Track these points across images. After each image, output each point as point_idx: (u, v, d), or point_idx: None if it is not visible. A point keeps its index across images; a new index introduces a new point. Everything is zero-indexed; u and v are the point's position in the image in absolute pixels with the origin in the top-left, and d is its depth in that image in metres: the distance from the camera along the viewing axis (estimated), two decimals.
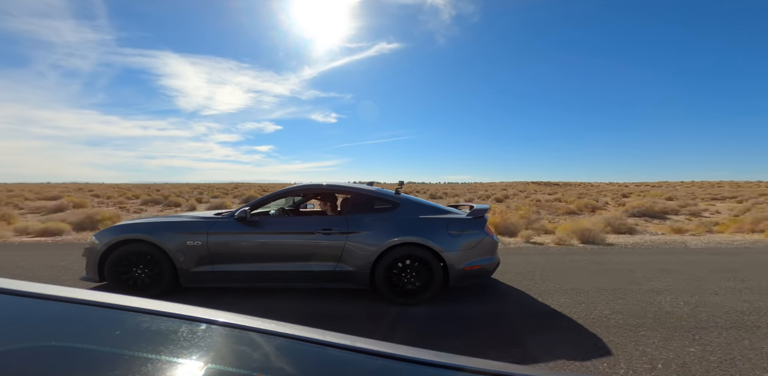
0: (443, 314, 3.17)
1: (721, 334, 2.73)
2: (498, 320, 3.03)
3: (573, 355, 2.40)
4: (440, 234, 3.46)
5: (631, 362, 2.30)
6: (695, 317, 3.07)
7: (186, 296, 3.57)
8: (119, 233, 3.56)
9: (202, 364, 0.53)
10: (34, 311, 0.68)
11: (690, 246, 6.73)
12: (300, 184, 4.19)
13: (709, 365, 2.27)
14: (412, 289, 3.43)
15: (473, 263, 3.47)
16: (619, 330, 2.79)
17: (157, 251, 3.49)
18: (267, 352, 0.58)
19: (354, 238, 3.47)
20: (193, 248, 3.49)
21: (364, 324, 2.98)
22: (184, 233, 3.53)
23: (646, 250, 6.30)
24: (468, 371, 0.56)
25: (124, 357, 0.54)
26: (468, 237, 3.51)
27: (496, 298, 3.62)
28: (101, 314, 0.67)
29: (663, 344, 2.55)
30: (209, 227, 3.55)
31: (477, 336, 2.71)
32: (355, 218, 3.59)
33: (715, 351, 2.45)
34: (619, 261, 5.29)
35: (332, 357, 0.58)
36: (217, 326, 0.64)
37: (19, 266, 4.77)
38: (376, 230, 3.50)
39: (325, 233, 3.49)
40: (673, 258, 5.52)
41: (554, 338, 2.66)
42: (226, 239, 3.54)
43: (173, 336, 0.60)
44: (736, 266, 4.91)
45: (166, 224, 3.61)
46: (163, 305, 0.69)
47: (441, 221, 3.57)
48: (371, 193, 3.85)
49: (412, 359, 0.57)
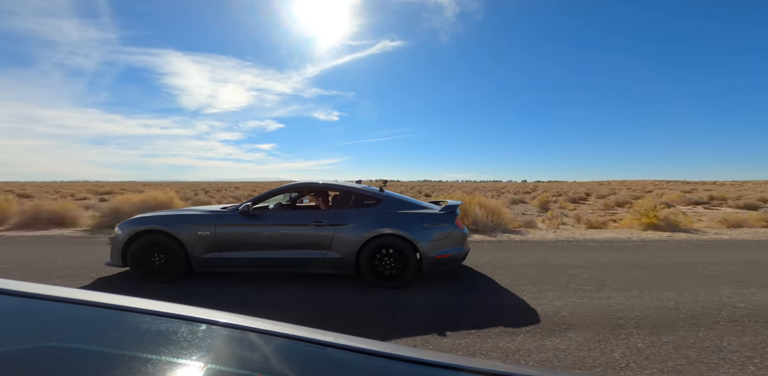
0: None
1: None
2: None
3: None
4: (415, 227, 3.88)
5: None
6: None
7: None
8: (140, 224, 3.98)
9: (203, 364, 0.53)
10: (35, 311, 0.68)
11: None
12: (297, 182, 4.64)
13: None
14: (389, 274, 3.85)
15: (444, 252, 3.90)
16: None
17: (172, 240, 3.92)
18: (267, 352, 0.58)
19: (341, 229, 3.90)
20: (203, 237, 3.92)
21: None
22: (195, 224, 3.96)
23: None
24: (468, 371, 0.56)
25: (125, 358, 0.54)
26: (439, 230, 3.92)
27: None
28: (102, 314, 0.67)
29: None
30: (217, 219, 3.99)
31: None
32: (343, 212, 4.01)
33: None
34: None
35: (332, 357, 0.58)
36: (217, 326, 0.64)
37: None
38: (360, 222, 3.92)
39: (316, 225, 3.92)
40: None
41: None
42: (231, 229, 3.96)
43: (173, 337, 0.60)
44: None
45: (180, 217, 4.05)
46: (163, 306, 0.69)
47: (416, 215, 3.98)
48: (357, 190, 4.29)
49: (412, 359, 0.57)
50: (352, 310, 3.24)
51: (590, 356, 2.37)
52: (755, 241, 7.08)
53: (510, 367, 0.57)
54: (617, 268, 4.72)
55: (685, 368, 2.23)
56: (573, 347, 2.49)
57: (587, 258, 5.34)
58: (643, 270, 4.62)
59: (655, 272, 4.55)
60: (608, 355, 2.38)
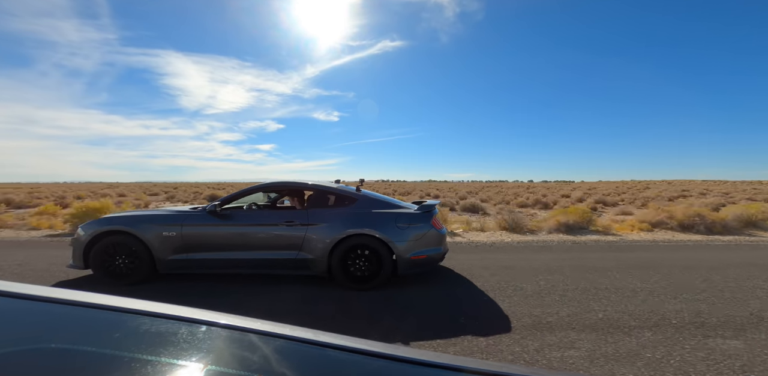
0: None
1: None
2: None
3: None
4: (389, 227, 3.76)
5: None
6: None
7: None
8: (102, 225, 3.83)
9: (203, 366, 0.53)
10: (35, 313, 0.68)
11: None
12: (269, 182, 4.43)
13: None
14: (362, 276, 3.72)
15: (419, 253, 3.77)
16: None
17: (136, 241, 3.77)
18: (267, 353, 0.58)
19: (313, 229, 3.78)
20: (169, 238, 3.79)
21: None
22: (160, 225, 3.83)
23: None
24: (467, 371, 0.56)
25: (125, 359, 0.54)
26: (415, 230, 3.80)
27: None
28: (102, 316, 0.68)
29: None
30: (183, 219, 3.86)
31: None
32: (315, 212, 3.91)
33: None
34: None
35: (332, 358, 0.58)
36: (217, 327, 0.64)
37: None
38: (333, 222, 3.80)
39: (287, 224, 3.81)
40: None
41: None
42: (198, 230, 3.85)
43: (173, 338, 0.60)
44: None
45: (145, 217, 3.91)
46: (163, 307, 0.69)
47: (391, 215, 3.86)
48: (332, 190, 4.16)
49: (412, 360, 0.57)
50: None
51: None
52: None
53: (509, 367, 0.57)
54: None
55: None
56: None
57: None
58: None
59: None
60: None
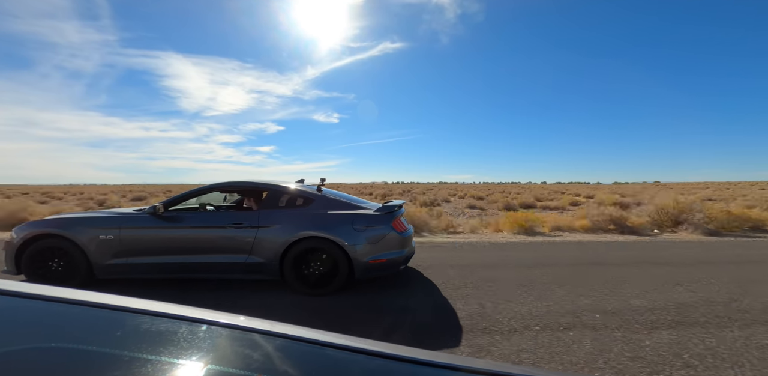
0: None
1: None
2: None
3: None
4: (345, 229, 3.56)
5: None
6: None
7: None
8: (34, 228, 3.66)
9: (203, 365, 0.53)
10: (35, 312, 0.68)
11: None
12: (222, 182, 4.13)
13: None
14: (316, 281, 3.54)
15: (378, 257, 3.57)
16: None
17: (71, 244, 3.58)
18: (267, 352, 0.58)
19: (264, 231, 3.58)
20: (106, 241, 3.59)
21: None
22: (96, 227, 3.63)
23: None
24: (467, 371, 0.56)
25: (125, 358, 0.54)
26: (373, 232, 3.60)
27: None
28: (102, 315, 0.68)
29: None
30: (122, 222, 3.67)
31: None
32: (267, 213, 3.70)
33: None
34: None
35: (332, 358, 0.58)
36: (217, 326, 0.64)
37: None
38: (285, 224, 3.61)
39: (236, 227, 3.61)
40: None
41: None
42: (138, 233, 3.64)
43: (173, 337, 0.60)
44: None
45: (80, 220, 3.72)
46: (163, 306, 0.69)
47: (347, 216, 3.66)
48: (287, 190, 3.94)
49: (412, 360, 0.57)
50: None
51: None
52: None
53: (509, 367, 0.57)
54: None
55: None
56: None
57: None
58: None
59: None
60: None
